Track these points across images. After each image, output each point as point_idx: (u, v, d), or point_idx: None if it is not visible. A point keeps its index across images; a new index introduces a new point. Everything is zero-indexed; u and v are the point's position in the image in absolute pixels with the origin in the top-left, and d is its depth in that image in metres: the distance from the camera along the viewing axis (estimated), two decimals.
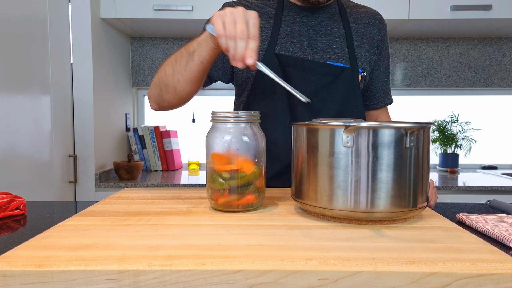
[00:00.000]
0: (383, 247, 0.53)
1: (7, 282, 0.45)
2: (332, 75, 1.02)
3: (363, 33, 1.08)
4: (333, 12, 1.07)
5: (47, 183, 1.63)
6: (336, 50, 1.04)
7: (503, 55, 2.36)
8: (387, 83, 1.17)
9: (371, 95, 1.16)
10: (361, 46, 1.07)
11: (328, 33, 1.04)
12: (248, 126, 0.72)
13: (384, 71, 1.15)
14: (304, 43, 1.03)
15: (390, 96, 1.19)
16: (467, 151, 2.35)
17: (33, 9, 1.52)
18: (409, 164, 0.62)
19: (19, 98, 1.43)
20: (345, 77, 1.02)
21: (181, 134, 2.42)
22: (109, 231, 0.59)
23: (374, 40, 1.09)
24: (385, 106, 1.19)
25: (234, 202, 0.71)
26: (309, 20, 1.05)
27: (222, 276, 0.46)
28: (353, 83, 1.03)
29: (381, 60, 1.13)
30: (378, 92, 1.16)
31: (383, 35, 1.11)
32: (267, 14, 1.04)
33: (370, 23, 1.09)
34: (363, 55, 1.07)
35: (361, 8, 1.12)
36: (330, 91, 1.02)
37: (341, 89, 1.02)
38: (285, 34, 1.03)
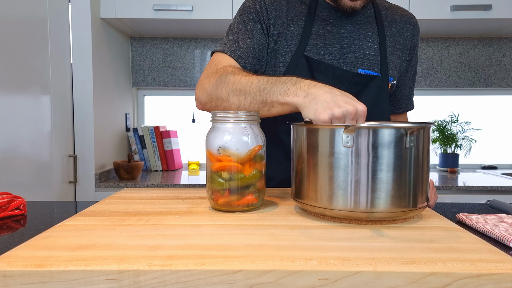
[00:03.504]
0: (383, 247, 0.53)
1: (7, 282, 0.45)
2: (362, 84, 0.98)
3: (397, 39, 1.04)
4: (368, 14, 1.02)
5: (47, 183, 1.63)
6: (369, 57, 0.99)
7: (503, 55, 2.36)
8: (411, 89, 1.14)
9: (395, 100, 1.13)
10: (393, 53, 1.03)
11: (362, 37, 0.99)
12: (248, 126, 0.72)
13: (411, 77, 1.12)
14: (336, 46, 0.98)
15: (412, 101, 1.17)
16: (467, 151, 2.35)
17: (33, 9, 1.52)
18: (409, 164, 0.62)
19: (19, 98, 1.43)
20: (374, 85, 0.98)
21: (181, 134, 2.42)
22: (109, 231, 0.59)
23: (406, 47, 1.05)
24: (406, 111, 1.17)
25: (234, 202, 0.71)
26: (343, 23, 1.00)
27: (222, 276, 0.46)
28: (382, 91, 0.99)
29: (410, 67, 1.09)
30: (402, 98, 1.14)
31: (416, 41, 1.08)
32: (299, 11, 0.99)
33: (404, 28, 1.05)
34: (394, 63, 1.03)
35: (397, 10, 1.07)
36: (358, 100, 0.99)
37: (369, 98, 0.98)
38: (317, 35, 0.98)
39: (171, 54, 2.36)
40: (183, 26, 2.09)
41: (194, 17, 1.92)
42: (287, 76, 0.79)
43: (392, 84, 1.04)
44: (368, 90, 0.98)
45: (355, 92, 0.97)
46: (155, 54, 2.36)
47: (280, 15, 0.98)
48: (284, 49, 0.97)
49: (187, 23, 2.02)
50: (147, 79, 2.38)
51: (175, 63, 2.37)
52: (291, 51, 0.96)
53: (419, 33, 1.09)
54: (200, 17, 1.92)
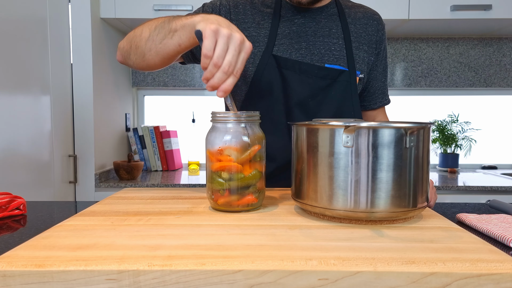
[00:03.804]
0: (383, 247, 0.53)
1: (7, 282, 0.45)
2: (330, 78, 1.01)
3: (362, 34, 1.07)
4: (331, 12, 1.06)
5: (47, 183, 1.63)
6: (335, 52, 1.03)
7: (503, 55, 2.36)
8: (384, 83, 1.16)
9: (368, 96, 1.16)
10: (359, 48, 1.06)
11: (327, 34, 1.04)
12: (248, 126, 0.72)
13: (381, 71, 1.14)
14: (302, 44, 1.02)
15: (387, 96, 1.19)
16: (467, 151, 2.35)
17: (33, 9, 1.52)
18: (409, 164, 0.62)
19: (19, 98, 1.43)
20: (343, 80, 1.02)
21: (181, 134, 2.42)
22: (109, 231, 0.59)
23: (372, 41, 1.09)
24: (382, 106, 1.19)
25: (234, 202, 0.71)
26: (307, 21, 1.04)
27: (222, 276, 0.46)
28: (351, 85, 1.03)
29: (379, 61, 1.12)
30: (376, 93, 1.16)
31: (381, 36, 1.11)
32: (265, 14, 1.03)
33: (368, 24, 1.09)
34: (361, 57, 1.06)
35: (360, 8, 1.11)
36: (327, 94, 1.01)
37: (338, 92, 1.02)
38: (284, 35, 1.02)
39: None
40: None
41: None
42: None
43: (360, 77, 1.07)
44: (337, 84, 1.02)
45: (324, 86, 1.01)
46: None
47: (245, 18, 1.02)
48: (252, 51, 1.01)
49: None
50: (147, 79, 2.38)
51: (175, 63, 2.36)
52: (259, 52, 1.01)
53: (384, 28, 1.12)
54: None
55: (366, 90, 1.14)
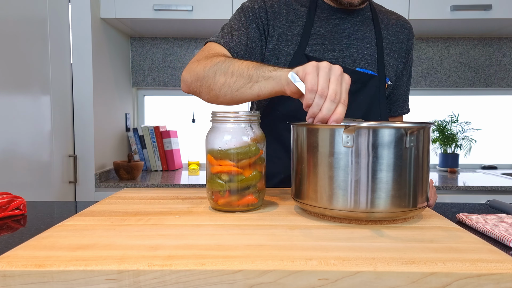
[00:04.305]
0: (383, 247, 0.53)
1: (7, 282, 0.45)
2: (360, 82, 1.00)
3: (393, 41, 1.07)
4: (366, 16, 1.05)
5: (47, 183, 1.63)
6: (367, 57, 1.02)
7: (503, 55, 2.36)
8: (407, 93, 1.16)
9: (390, 103, 1.15)
10: (390, 54, 1.06)
11: (360, 38, 1.02)
12: (248, 126, 0.72)
13: (406, 80, 1.14)
14: (335, 46, 1.00)
15: (408, 105, 1.19)
16: (467, 151, 2.35)
17: (33, 9, 1.52)
18: (409, 164, 0.62)
19: (19, 98, 1.43)
20: (372, 84, 1.01)
21: (181, 134, 2.42)
22: (109, 231, 0.59)
23: (402, 49, 1.08)
24: (401, 115, 1.18)
25: (234, 202, 0.71)
26: (342, 23, 1.02)
27: (222, 276, 0.46)
28: (379, 91, 1.02)
29: (405, 70, 1.12)
30: (398, 101, 1.15)
31: (411, 45, 1.11)
32: (299, 13, 1.01)
33: (400, 32, 1.08)
34: (391, 64, 1.06)
35: (393, 15, 1.11)
36: (356, 98, 1.00)
37: (367, 97, 1.01)
38: (317, 35, 1.00)
39: (171, 54, 2.36)
40: (183, 26, 2.09)
41: (194, 17, 1.92)
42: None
43: (389, 84, 1.06)
44: (366, 89, 1.01)
45: (354, 90, 1.00)
46: (155, 54, 2.36)
47: (280, 17, 1.00)
48: (285, 49, 0.99)
49: (187, 23, 2.02)
50: (147, 79, 2.38)
51: (175, 63, 2.37)
52: (292, 51, 0.98)
53: (413, 38, 1.12)
54: (200, 17, 1.92)
55: (388, 97, 1.14)
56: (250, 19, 0.99)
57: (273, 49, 0.99)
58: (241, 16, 1.00)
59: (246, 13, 1.00)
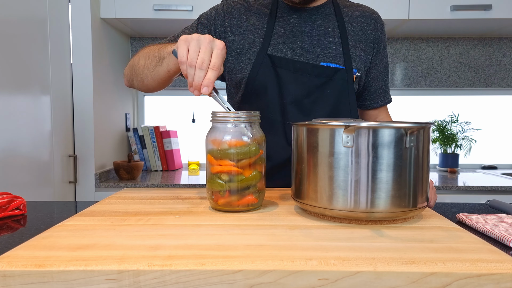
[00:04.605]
0: (383, 247, 0.53)
1: (7, 282, 0.45)
2: (325, 76, 1.01)
3: (359, 33, 1.07)
4: (327, 12, 1.06)
5: (47, 183, 1.63)
6: (330, 51, 1.03)
7: (503, 55, 2.36)
8: (385, 82, 1.16)
9: (369, 95, 1.15)
10: (356, 46, 1.06)
11: (322, 33, 1.04)
12: (248, 126, 0.72)
13: (382, 70, 1.14)
14: (297, 43, 1.02)
15: (389, 95, 1.19)
16: (467, 151, 2.35)
17: (33, 9, 1.52)
18: (409, 164, 0.62)
19: (19, 98, 1.43)
20: (339, 78, 1.02)
21: (181, 134, 2.42)
22: (109, 231, 0.59)
23: (370, 40, 1.08)
24: (384, 105, 1.18)
25: (234, 202, 0.71)
26: (303, 21, 1.04)
27: (222, 276, 0.46)
28: (347, 84, 1.03)
29: (378, 60, 1.12)
30: (377, 92, 1.15)
31: (380, 34, 1.10)
32: (262, 15, 1.04)
33: (366, 23, 1.08)
34: (358, 55, 1.06)
35: (357, 8, 1.11)
36: (323, 92, 1.01)
37: (334, 90, 1.02)
38: (279, 35, 1.02)
39: None
40: (183, 26, 2.09)
41: (194, 17, 1.92)
42: None
43: (357, 75, 1.06)
44: (332, 83, 1.02)
45: (320, 84, 1.02)
46: None
47: (239, 23, 1.04)
48: (248, 52, 1.02)
49: (187, 23, 2.02)
50: None
51: None
52: (254, 52, 1.02)
53: (383, 27, 1.12)
54: None
55: (366, 89, 1.14)
56: (203, 25, 1.05)
57: (237, 53, 1.03)
58: (195, 23, 1.07)
59: (201, 19, 1.07)
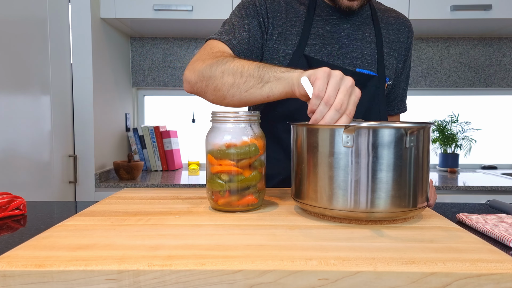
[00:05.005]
0: (383, 247, 0.53)
1: (7, 282, 0.45)
2: (360, 83, 0.97)
3: (393, 40, 1.06)
4: (365, 15, 1.04)
5: (47, 183, 1.63)
6: (367, 57, 1.01)
7: (503, 55, 2.36)
8: (405, 91, 1.16)
9: (388, 102, 1.15)
10: (390, 54, 1.05)
11: (360, 38, 1.01)
12: (248, 126, 0.72)
13: (404, 79, 1.13)
14: (335, 46, 0.99)
15: (405, 104, 1.18)
16: (467, 151, 2.35)
17: (33, 9, 1.52)
18: (409, 164, 0.62)
19: (19, 98, 1.43)
20: (372, 85, 1.00)
21: (181, 134, 2.42)
22: (109, 231, 0.59)
23: (402, 48, 1.07)
24: (399, 113, 1.18)
25: (234, 202, 0.71)
26: (341, 23, 1.01)
27: (222, 276, 0.46)
28: (379, 91, 1.01)
29: (404, 68, 1.11)
30: (396, 99, 1.15)
31: (410, 43, 1.10)
32: (299, 12, 1.00)
33: (400, 30, 1.07)
34: (391, 63, 1.05)
35: (392, 13, 1.09)
36: None
37: (366, 97, 0.99)
38: (316, 35, 0.99)
39: (171, 54, 2.36)
40: (183, 26, 2.09)
41: (194, 17, 1.92)
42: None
43: (388, 84, 1.05)
44: (366, 90, 0.99)
45: None
46: (155, 54, 2.36)
47: (279, 15, 0.99)
48: (284, 49, 0.98)
49: (187, 23, 2.02)
50: (147, 79, 2.38)
51: (175, 63, 2.37)
52: (290, 51, 0.97)
53: (413, 36, 1.11)
54: (200, 17, 1.92)
55: (387, 96, 1.13)
56: (251, 16, 0.97)
57: (272, 48, 0.98)
58: (242, 13, 0.98)
59: (247, 9, 0.98)
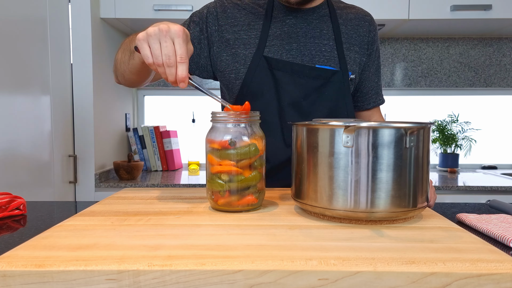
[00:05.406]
0: (383, 247, 0.53)
1: (7, 282, 0.45)
2: (322, 78, 1.02)
3: (353, 35, 1.07)
4: (322, 13, 1.06)
5: (47, 183, 1.63)
6: (325, 53, 1.03)
7: (503, 55, 2.36)
8: (377, 84, 1.16)
9: (362, 96, 1.16)
10: (350, 49, 1.06)
11: (317, 35, 1.04)
12: (248, 126, 0.72)
13: (374, 71, 1.14)
14: (293, 45, 1.02)
15: (381, 96, 1.19)
16: (467, 151, 2.35)
17: (33, 9, 1.52)
18: (409, 164, 0.62)
19: (19, 98, 1.43)
20: (336, 80, 1.02)
21: (181, 134, 2.42)
22: (109, 231, 0.59)
23: (364, 42, 1.09)
24: (377, 106, 1.18)
25: (234, 202, 0.71)
26: (299, 22, 1.04)
27: (222, 276, 0.46)
28: (344, 85, 1.03)
29: (371, 61, 1.12)
30: (369, 93, 1.16)
31: (373, 36, 1.11)
32: (257, 15, 1.04)
33: (359, 25, 1.09)
34: (352, 58, 1.06)
35: (351, 9, 1.11)
36: (320, 94, 1.02)
37: (332, 92, 1.02)
38: (275, 36, 1.02)
39: None
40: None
41: None
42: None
43: (352, 78, 1.07)
44: (330, 84, 1.02)
45: (317, 85, 1.02)
46: None
47: (234, 22, 1.03)
48: (243, 52, 1.02)
49: None
50: None
51: None
52: (250, 54, 1.01)
53: (376, 29, 1.12)
54: None
55: (359, 90, 1.14)
56: (195, 23, 1.04)
57: (232, 53, 1.02)
58: (187, 21, 1.06)
59: (193, 17, 1.06)
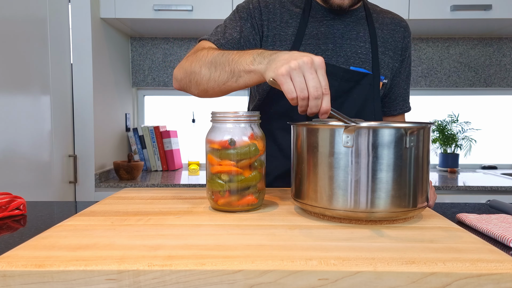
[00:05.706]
0: (383, 247, 0.53)
1: (7, 282, 0.45)
2: (354, 81, 1.01)
3: (388, 40, 1.07)
4: (359, 16, 1.06)
5: (47, 183, 1.63)
6: (361, 56, 1.03)
7: (503, 55, 2.36)
8: (406, 91, 1.16)
9: (389, 102, 1.16)
10: (385, 53, 1.06)
11: (354, 37, 1.03)
12: (248, 126, 0.72)
13: (404, 78, 1.14)
14: (329, 46, 1.01)
15: (408, 103, 1.19)
16: (467, 151, 2.35)
17: (33, 9, 1.52)
18: (409, 164, 0.62)
19: (19, 98, 1.43)
20: (366, 82, 1.02)
21: (181, 134, 2.42)
22: (109, 231, 0.59)
23: (398, 47, 1.09)
24: (402, 113, 1.19)
25: (234, 202, 0.71)
26: (336, 23, 1.03)
27: (222, 276, 0.46)
28: (373, 89, 1.03)
29: (403, 68, 1.12)
30: (397, 99, 1.16)
31: (407, 43, 1.11)
32: (294, 14, 1.03)
33: (395, 30, 1.09)
34: (386, 62, 1.06)
35: (387, 14, 1.11)
36: (349, 96, 1.01)
37: (361, 95, 1.01)
38: (311, 35, 1.01)
39: (171, 54, 2.36)
40: (183, 26, 2.09)
41: (194, 17, 1.92)
42: (254, 49, 0.83)
43: (384, 82, 1.07)
44: (360, 87, 1.01)
45: (348, 88, 1.01)
46: (155, 54, 2.36)
47: (274, 17, 1.01)
48: (279, 49, 1.00)
49: (187, 23, 2.02)
50: (147, 79, 2.38)
51: (175, 63, 2.37)
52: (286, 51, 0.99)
53: (410, 36, 1.12)
54: (200, 17, 1.92)
55: (387, 96, 1.14)
56: (244, 19, 1.00)
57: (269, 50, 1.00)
58: (235, 16, 1.02)
59: (241, 13, 1.02)
